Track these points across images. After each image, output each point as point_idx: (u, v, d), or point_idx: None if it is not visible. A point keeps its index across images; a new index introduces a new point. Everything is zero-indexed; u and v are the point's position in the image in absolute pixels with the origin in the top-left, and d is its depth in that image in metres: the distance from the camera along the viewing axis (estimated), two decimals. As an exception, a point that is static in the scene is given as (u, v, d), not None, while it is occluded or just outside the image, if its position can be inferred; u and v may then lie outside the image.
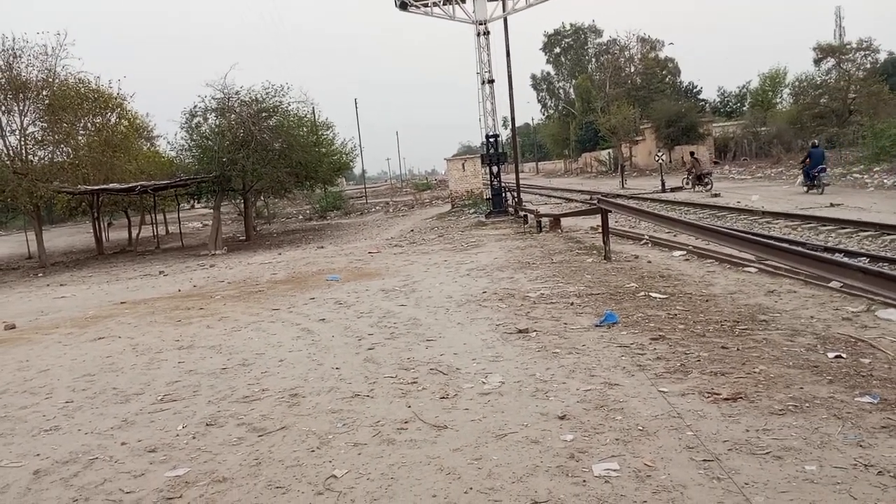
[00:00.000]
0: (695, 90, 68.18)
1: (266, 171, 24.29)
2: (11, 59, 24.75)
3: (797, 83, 50.05)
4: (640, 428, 4.27)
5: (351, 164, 41.52)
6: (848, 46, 46.72)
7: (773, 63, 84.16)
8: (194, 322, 9.53)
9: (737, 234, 8.68)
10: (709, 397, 4.69)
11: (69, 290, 16.28)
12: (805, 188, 23.21)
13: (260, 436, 4.77)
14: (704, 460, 3.75)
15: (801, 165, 24.40)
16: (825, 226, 13.99)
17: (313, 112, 32.12)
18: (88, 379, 6.84)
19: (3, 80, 24.62)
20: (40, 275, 22.48)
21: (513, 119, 27.85)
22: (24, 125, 25.57)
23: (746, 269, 9.67)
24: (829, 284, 7.77)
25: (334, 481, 3.93)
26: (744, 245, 7.93)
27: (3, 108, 25.13)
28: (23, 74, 25.01)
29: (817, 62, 46.70)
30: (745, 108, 61.88)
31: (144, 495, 3.98)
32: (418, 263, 13.94)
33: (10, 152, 25.44)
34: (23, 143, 25.64)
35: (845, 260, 7.47)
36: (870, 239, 12.13)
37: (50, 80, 25.64)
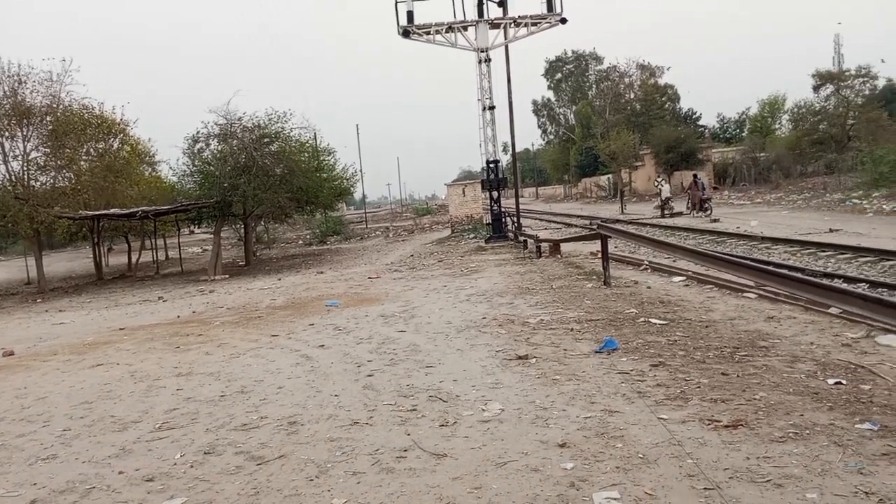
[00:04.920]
0: (694, 116, 68.59)
1: (267, 196, 24.34)
2: (16, 84, 24.95)
3: (796, 109, 50.25)
4: (641, 456, 4.25)
5: (352, 189, 41.63)
6: (847, 73, 46.93)
7: (772, 90, 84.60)
8: (193, 349, 9.51)
9: (736, 260, 8.70)
10: (709, 424, 4.67)
11: (68, 317, 16.26)
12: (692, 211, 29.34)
13: (258, 464, 4.74)
14: (705, 489, 3.72)
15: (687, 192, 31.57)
16: (824, 251, 13.99)
17: (315, 137, 32.32)
18: (86, 406, 6.82)
19: (8, 105, 24.79)
20: (39, 300, 22.46)
21: (513, 145, 28.06)
22: (27, 151, 25.71)
23: (746, 294, 9.66)
24: (829, 310, 7.76)
25: (332, 511, 3.90)
26: (743, 271, 7.94)
27: (7, 133, 25.26)
28: (27, 100, 25.20)
29: (816, 89, 46.93)
30: (744, 135, 62.18)
31: (141, 525, 3.95)
32: (418, 289, 13.94)
33: (13, 178, 25.54)
34: (25, 168, 25.75)
35: (844, 286, 7.48)
36: (869, 265, 12.13)
37: (54, 105, 25.81)
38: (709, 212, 27.15)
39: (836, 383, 5.30)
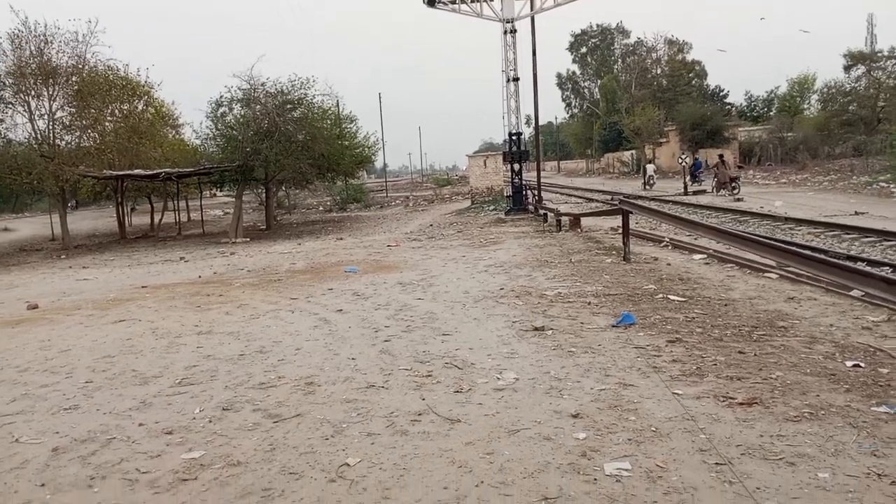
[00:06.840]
0: (721, 93, 67.53)
1: (289, 161, 24.45)
2: (42, 44, 25.14)
3: (826, 89, 49.31)
4: (654, 429, 4.27)
5: (373, 157, 41.61)
6: (879, 54, 45.88)
7: (802, 68, 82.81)
8: (213, 308, 9.63)
9: (758, 239, 8.62)
10: (724, 401, 4.67)
11: (91, 273, 16.51)
12: (693, 184, 32.54)
13: (275, 422, 4.82)
14: (717, 463, 3.74)
15: (690, 169, 34.33)
16: (848, 234, 13.82)
17: (337, 104, 32.29)
18: (108, 360, 6.95)
19: (34, 65, 24.99)
20: (63, 257, 22.82)
21: (536, 117, 27.88)
22: (53, 110, 25.98)
23: (767, 274, 9.59)
24: (851, 293, 7.69)
25: (347, 469, 3.97)
26: (765, 250, 7.87)
27: (33, 92, 25.52)
28: (53, 60, 25.39)
29: (847, 69, 45.98)
30: (772, 114, 61.17)
31: (160, 475, 4.05)
32: (436, 258, 13.97)
33: (39, 136, 25.84)
34: (51, 127, 26.04)
35: (868, 269, 7.39)
36: (894, 249, 11.97)
37: (79, 66, 26.00)
38: (736, 191, 26.83)
39: (854, 366, 5.27)
